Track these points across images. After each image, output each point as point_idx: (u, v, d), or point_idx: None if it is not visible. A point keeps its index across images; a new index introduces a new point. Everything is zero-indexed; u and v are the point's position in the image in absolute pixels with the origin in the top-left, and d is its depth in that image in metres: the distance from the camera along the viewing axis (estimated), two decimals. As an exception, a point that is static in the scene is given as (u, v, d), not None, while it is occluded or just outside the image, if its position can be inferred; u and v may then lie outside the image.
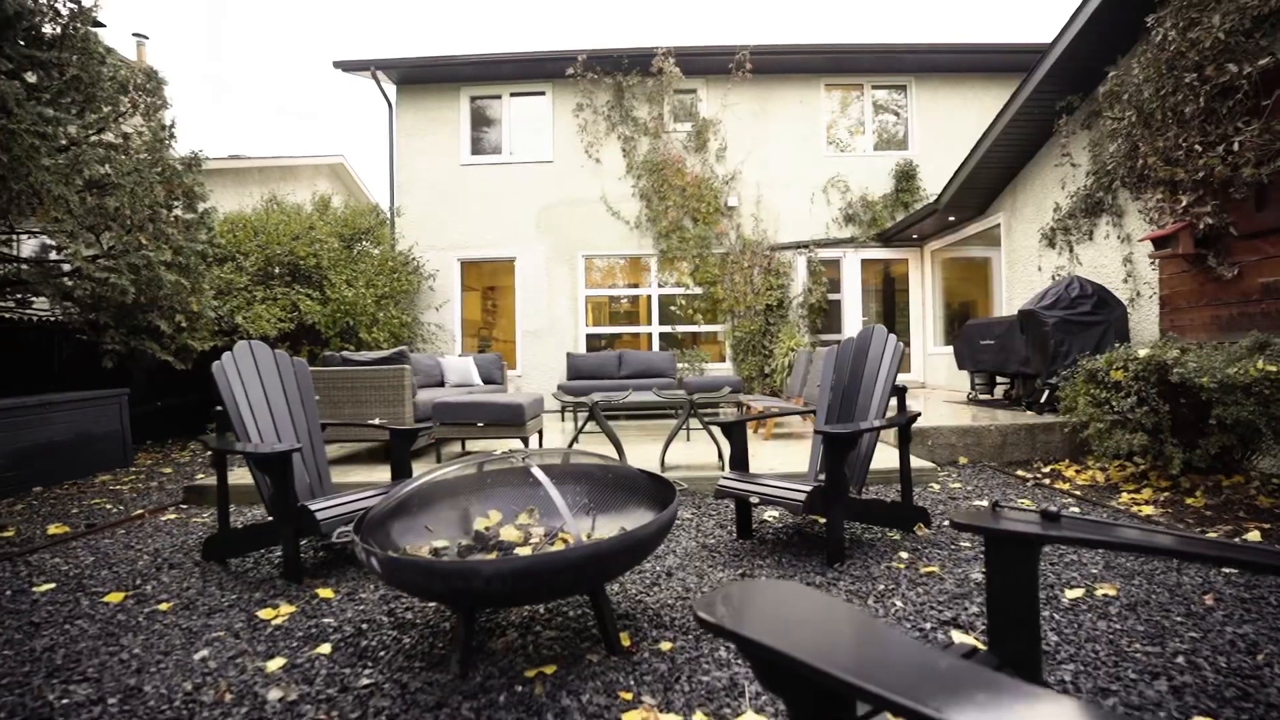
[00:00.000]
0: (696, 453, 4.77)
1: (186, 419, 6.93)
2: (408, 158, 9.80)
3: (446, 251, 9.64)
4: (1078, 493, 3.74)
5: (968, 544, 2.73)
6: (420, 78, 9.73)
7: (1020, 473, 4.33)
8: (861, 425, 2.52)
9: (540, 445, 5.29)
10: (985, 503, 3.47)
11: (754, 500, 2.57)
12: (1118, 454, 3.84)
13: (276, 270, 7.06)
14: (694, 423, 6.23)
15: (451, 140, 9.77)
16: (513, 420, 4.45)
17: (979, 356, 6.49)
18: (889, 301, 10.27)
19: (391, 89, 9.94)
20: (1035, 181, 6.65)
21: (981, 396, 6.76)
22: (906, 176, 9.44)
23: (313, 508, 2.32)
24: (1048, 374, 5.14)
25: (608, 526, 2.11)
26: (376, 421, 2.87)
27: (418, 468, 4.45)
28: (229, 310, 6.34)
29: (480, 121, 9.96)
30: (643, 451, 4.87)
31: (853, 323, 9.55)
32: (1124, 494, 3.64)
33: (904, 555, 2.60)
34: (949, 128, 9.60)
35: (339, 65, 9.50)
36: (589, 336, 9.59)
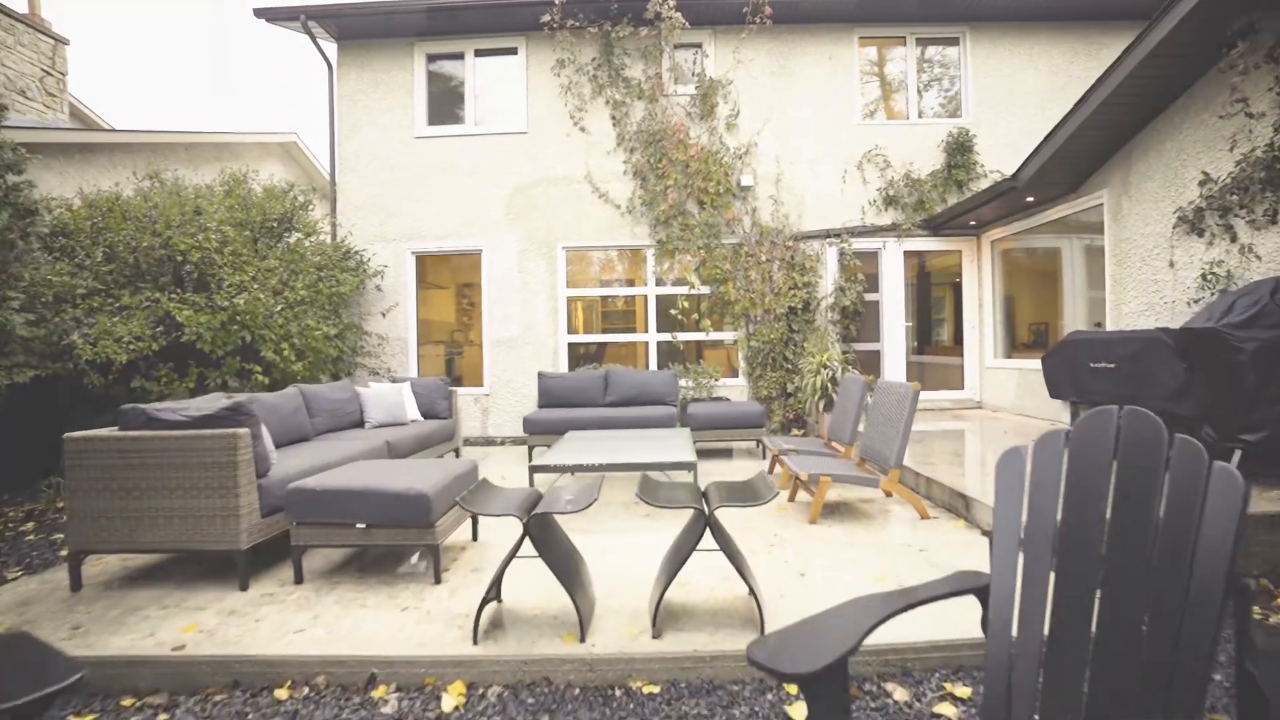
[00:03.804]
0: (708, 573, 2.92)
1: (32, 465, 5.24)
2: (351, 130, 8.05)
3: (397, 243, 7.89)
4: None
5: None
6: (365, 31, 7.95)
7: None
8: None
9: (474, 535, 3.56)
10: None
11: None
12: None
13: (158, 271, 5.35)
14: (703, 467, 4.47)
15: (404, 109, 8.01)
16: (411, 519, 2.73)
17: (1089, 384, 4.73)
18: (923, 302, 8.53)
19: (332, 48, 8.17)
20: (1168, 143, 4.87)
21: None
22: (960, 149, 7.66)
23: None
24: (1241, 425, 3.41)
25: None
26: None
27: (261, 586, 2.40)
28: (62, 325, 4.63)
29: (439, 86, 8.18)
30: (624, 555, 3.15)
31: (894, 329, 7.81)
32: None
33: None
34: (1010, 90, 7.83)
35: (261, 14, 7.72)
36: (571, 345, 7.86)
